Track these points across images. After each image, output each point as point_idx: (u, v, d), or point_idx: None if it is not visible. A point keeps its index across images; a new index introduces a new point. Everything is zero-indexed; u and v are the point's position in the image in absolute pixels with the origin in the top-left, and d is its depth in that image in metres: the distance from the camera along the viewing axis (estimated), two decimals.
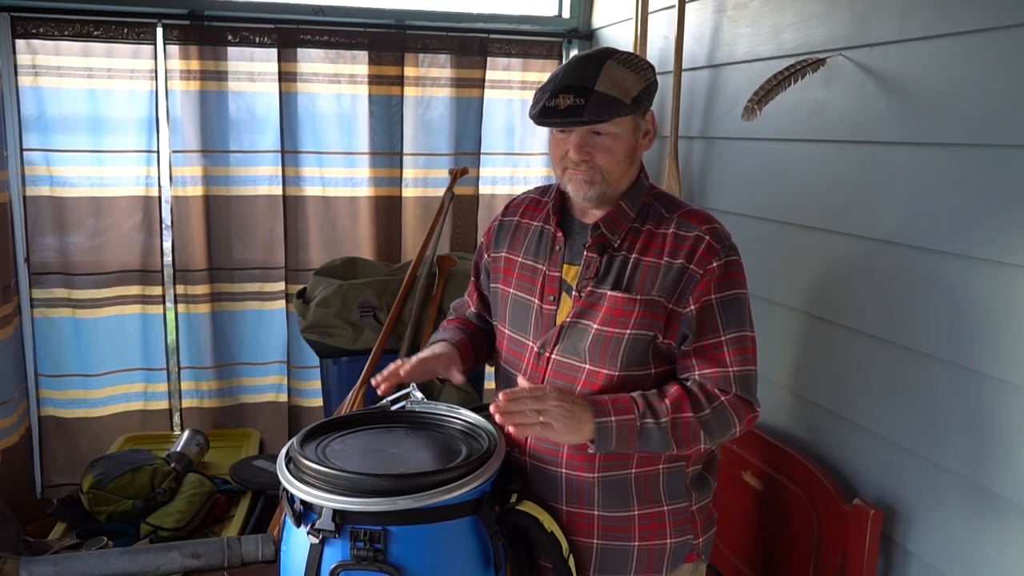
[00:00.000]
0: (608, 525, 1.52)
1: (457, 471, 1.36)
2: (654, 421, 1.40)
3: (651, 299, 1.46)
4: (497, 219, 1.72)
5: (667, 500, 1.53)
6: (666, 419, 1.41)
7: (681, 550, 1.55)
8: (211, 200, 3.05)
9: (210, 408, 3.19)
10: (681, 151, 2.55)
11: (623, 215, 1.51)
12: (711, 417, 1.43)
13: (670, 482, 1.52)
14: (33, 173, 2.88)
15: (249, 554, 1.81)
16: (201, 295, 3.09)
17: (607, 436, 1.39)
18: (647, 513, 1.52)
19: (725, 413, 1.44)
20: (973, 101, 1.55)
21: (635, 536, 1.52)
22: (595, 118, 1.39)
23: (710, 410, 1.43)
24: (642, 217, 1.51)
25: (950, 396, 1.63)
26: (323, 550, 1.33)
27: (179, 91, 2.95)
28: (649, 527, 1.52)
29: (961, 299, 1.60)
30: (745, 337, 1.47)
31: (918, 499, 1.72)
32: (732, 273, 1.47)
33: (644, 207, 1.52)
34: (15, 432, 2.87)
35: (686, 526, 1.54)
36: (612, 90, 1.40)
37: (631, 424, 1.40)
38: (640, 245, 1.49)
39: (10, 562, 1.70)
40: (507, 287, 1.63)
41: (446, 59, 3.18)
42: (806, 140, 2.01)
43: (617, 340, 1.47)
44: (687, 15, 2.47)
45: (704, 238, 1.46)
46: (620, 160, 1.47)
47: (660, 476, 1.52)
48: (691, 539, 1.55)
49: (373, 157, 3.16)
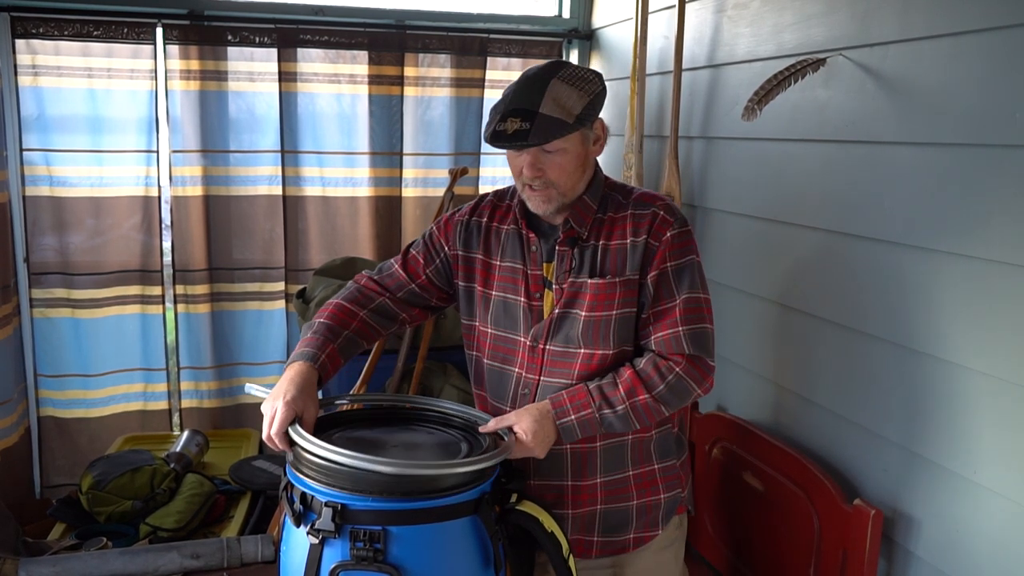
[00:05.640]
0: (609, 490, 1.63)
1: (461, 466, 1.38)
2: (611, 411, 1.52)
3: (627, 279, 1.57)
4: (459, 217, 1.73)
5: (658, 459, 1.66)
6: (622, 407, 1.52)
7: (673, 503, 1.69)
8: (211, 200, 3.05)
9: (210, 408, 3.19)
10: (681, 151, 2.55)
11: (587, 208, 1.60)
12: (666, 391, 1.53)
13: (660, 443, 1.66)
14: (33, 173, 2.88)
15: (249, 554, 1.80)
16: (201, 295, 3.09)
17: (571, 433, 1.54)
18: (640, 472, 1.65)
19: (681, 382, 1.54)
20: (973, 101, 1.55)
21: (633, 495, 1.64)
22: (540, 141, 1.47)
23: (664, 386, 1.53)
24: (603, 207, 1.61)
25: (951, 396, 1.63)
26: (323, 550, 1.33)
27: (179, 91, 2.95)
28: (643, 484, 1.65)
29: (961, 299, 1.60)
30: (699, 299, 1.57)
31: (918, 499, 1.71)
32: (685, 242, 1.57)
33: (603, 198, 1.62)
34: (14, 432, 2.87)
35: (675, 481, 1.69)
36: (556, 111, 1.47)
37: (590, 417, 1.53)
38: (605, 232, 1.59)
39: (9, 562, 1.70)
40: (488, 289, 1.68)
41: (446, 59, 3.18)
42: (806, 140, 2.01)
43: (606, 322, 1.57)
44: (687, 15, 2.47)
45: (659, 213, 1.57)
46: (571, 172, 1.55)
47: (652, 439, 1.65)
48: (680, 492, 1.70)
49: (373, 157, 3.16)
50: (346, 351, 1.62)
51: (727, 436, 2.21)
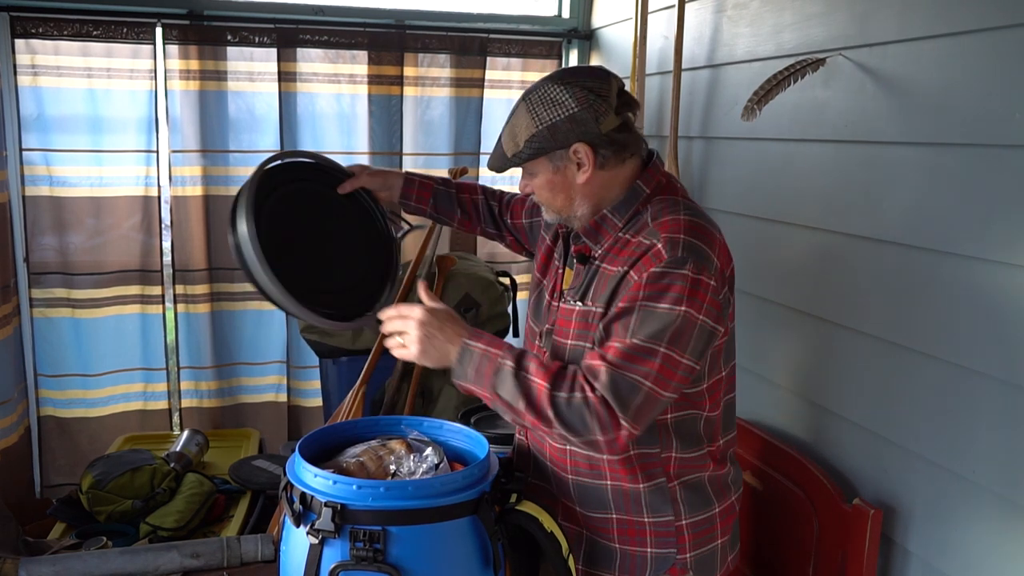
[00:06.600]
0: (590, 523, 1.55)
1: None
2: (513, 367, 1.38)
3: (587, 310, 1.45)
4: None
5: (649, 513, 1.51)
6: (524, 374, 1.37)
7: (663, 562, 1.52)
8: (211, 200, 3.04)
9: (209, 408, 3.19)
10: (681, 151, 2.55)
11: (609, 224, 1.48)
12: (563, 402, 1.34)
13: (652, 498, 1.50)
14: (32, 173, 2.88)
15: (248, 554, 1.80)
16: (200, 295, 3.09)
17: (467, 359, 1.41)
18: (627, 520, 1.52)
19: (582, 410, 1.33)
20: (973, 101, 1.55)
21: (615, 539, 1.53)
22: (494, 168, 1.49)
23: (566, 395, 1.34)
24: (631, 225, 1.46)
25: (950, 396, 1.63)
26: (322, 550, 1.33)
27: (178, 91, 2.95)
28: (628, 532, 1.52)
29: (961, 299, 1.60)
30: (654, 351, 1.32)
31: (918, 499, 1.72)
32: (667, 286, 1.34)
33: (636, 214, 1.46)
34: (14, 432, 2.87)
35: (669, 540, 1.51)
36: (507, 142, 1.45)
37: (494, 358, 1.40)
38: (613, 255, 1.46)
39: (9, 562, 1.70)
40: (537, 273, 1.69)
41: (446, 59, 3.18)
42: (806, 140, 2.01)
43: (563, 349, 1.51)
44: (687, 15, 2.47)
45: (656, 246, 1.37)
46: (552, 195, 1.48)
47: (641, 492, 1.50)
48: (674, 553, 1.51)
49: (373, 157, 3.16)
50: (439, 202, 1.89)
51: None
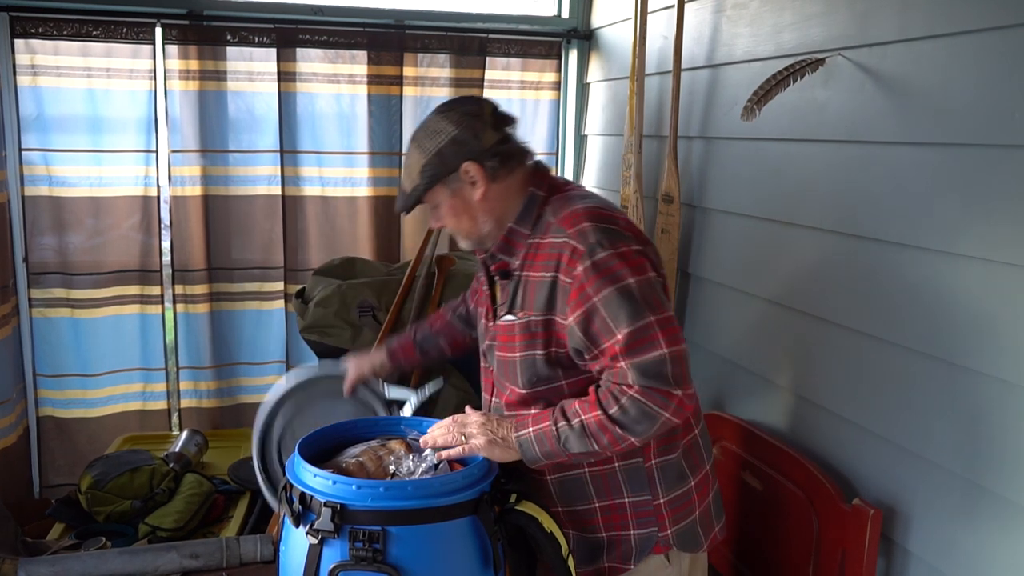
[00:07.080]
0: (574, 519, 1.58)
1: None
2: (567, 423, 1.43)
3: (528, 320, 1.50)
4: None
5: (629, 493, 1.56)
6: (577, 420, 1.42)
7: (647, 542, 1.57)
8: (210, 200, 3.05)
9: (209, 408, 3.19)
10: (680, 151, 2.54)
11: (518, 235, 1.53)
12: (620, 413, 1.39)
13: (630, 478, 1.55)
14: (32, 173, 2.88)
15: (248, 554, 1.80)
16: (200, 295, 3.09)
17: (529, 446, 1.46)
18: (608, 504, 1.57)
19: (637, 404, 1.39)
20: (973, 101, 1.55)
21: (600, 528, 1.57)
22: (400, 209, 1.54)
23: (617, 407, 1.40)
24: (537, 229, 1.52)
25: (950, 396, 1.63)
26: (322, 550, 1.33)
27: (178, 91, 2.95)
28: (612, 518, 1.57)
29: (961, 299, 1.60)
30: (645, 325, 1.39)
31: (918, 499, 1.71)
32: (608, 269, 1.40)
33: (539, 218, 1.52)
34: (13, 432, 2.87)
35: (649, 519, 1.56)
36: (405, 181, 1.52)
37: (547, 431, 1.44)
38: (529, 261, 1.52)
39: (8, 562, 1.69)
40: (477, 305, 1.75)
41: (445, 59, 3.18)
42: (805, 140, 2.01)
43: (511, 363, 1.54)
44: (686, 15, 2.47)
45: (569, 243, 1.43)
46: (458, 220, 1.54)
47: (617, 473, 1.55)
48: (655, 531, 1.57)
49: (372, 157, 3.16)
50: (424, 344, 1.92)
51: (727, 436, 2.21)
